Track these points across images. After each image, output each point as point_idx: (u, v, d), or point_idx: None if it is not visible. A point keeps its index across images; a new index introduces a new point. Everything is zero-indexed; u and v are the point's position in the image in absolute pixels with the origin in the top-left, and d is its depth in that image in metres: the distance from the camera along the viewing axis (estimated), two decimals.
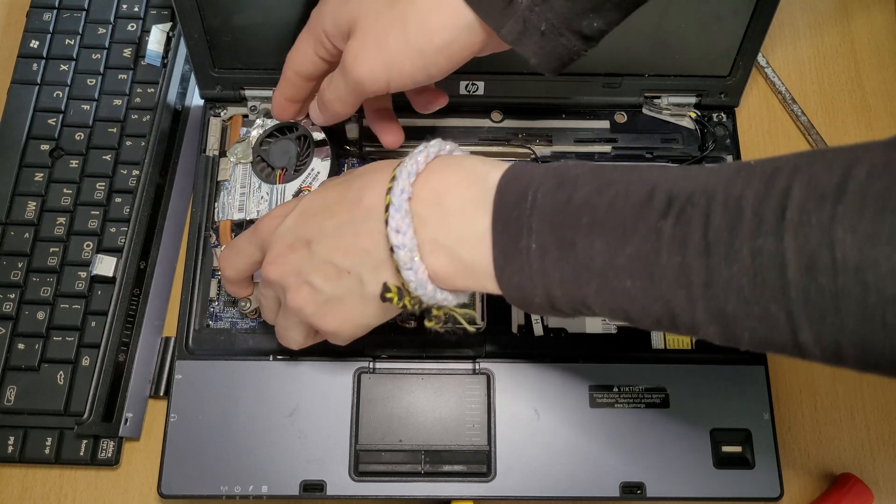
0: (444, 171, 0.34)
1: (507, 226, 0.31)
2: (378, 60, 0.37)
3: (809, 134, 0.55)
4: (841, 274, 0.24)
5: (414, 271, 0.32)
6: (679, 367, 0.45)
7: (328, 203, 0.36)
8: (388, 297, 0.33)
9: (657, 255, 0.28)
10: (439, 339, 0.46)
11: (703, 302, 0.27)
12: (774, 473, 0.43)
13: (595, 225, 0.29)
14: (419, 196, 0.33)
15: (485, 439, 0.44)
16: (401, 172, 0.33)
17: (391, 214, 0.33)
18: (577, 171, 0.32)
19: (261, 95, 0.50)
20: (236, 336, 0.46)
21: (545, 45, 0.37)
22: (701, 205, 0.27)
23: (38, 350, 0.46)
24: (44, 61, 0.54)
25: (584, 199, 0.30)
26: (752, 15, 0.46)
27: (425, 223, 0.33)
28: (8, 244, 0.49)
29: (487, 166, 0.33)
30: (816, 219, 0.25)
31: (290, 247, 0.36)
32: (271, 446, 0.43)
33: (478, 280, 0.33)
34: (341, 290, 0.35)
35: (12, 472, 0.46)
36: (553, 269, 0.30)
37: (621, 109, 0.52)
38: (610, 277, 0.29)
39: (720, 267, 0.26)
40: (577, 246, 0.30)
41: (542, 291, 0.31)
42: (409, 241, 0.32)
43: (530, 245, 0.30)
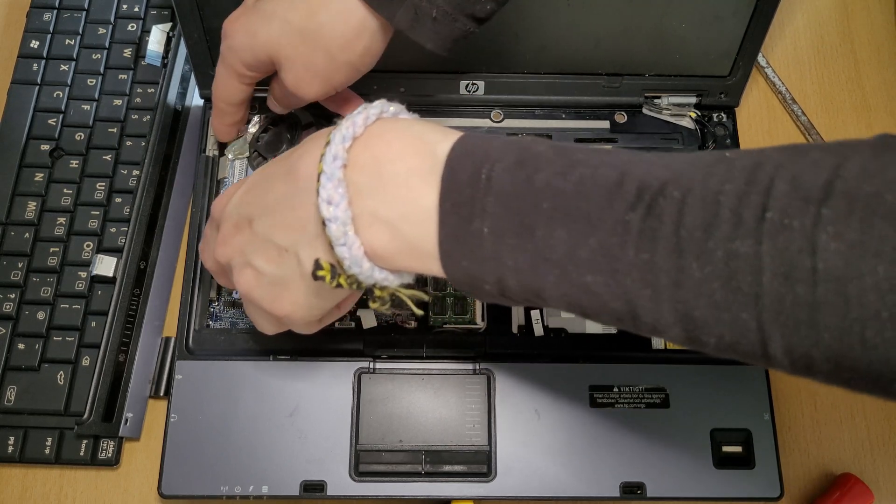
0: (386, 135, 0.30)
1: (458, 205, 0.28)
2: (317, 82, 0.39)
3: (809, 134, 0.55)
4: (821, 284, 0.22)
5: (348, 247, 0.29)
6: (679, 367, 0.45)
7: (269, 176, 0.34)
8: (319, 274, 0.30)
9: (623, 249, 0.26)
10: (439, 339, 0.46)
11: (670, 304, 0.25)
12: (774, 473, 0.43)
13: (557, 211, 0.27)
14: (356, 163, 0.30)
15: (485, 439, 0.44)
16: (335, 136, 0.30)
17: (322, 183, 0.29)
18: (539, 148, 0.29)
19: (260, 95, 0.50)
20: (236, 336, 0.46)
21: (440, 30, 0.37)
22: (674, 198, 0.25)
23: (38, 350, 0.46)
24: (44, 61, 0.54)
25: (547, 181, 0.27)
26: (752, 15, 0.46)
27: (362, 194, 0.30)
28: (8, 244, 0.49)
29: (438, 134, 0.30)
30: (799, 222, 0.23)
31: (235, 226, 0.34)
32: (271, 446, 0.43)
33: (421, 261, 0.30)
34: (283, 270, 0.33)
35: (12, 472, 0.46)
36: (507, 257, 0.28)
37: (621, 109, 0.52)
38: (570, 270, 0.27)
39: (691, 268, 0.25)
40: (535, 233, 0.27)
41: (493, 279, 0.29)
42: (343, 214, 0.29)
43: (483, 228, 0.28)
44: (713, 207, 0.24)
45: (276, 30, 0.38)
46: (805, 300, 0.23)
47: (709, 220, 0.24)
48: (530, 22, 0.46)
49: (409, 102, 0.51)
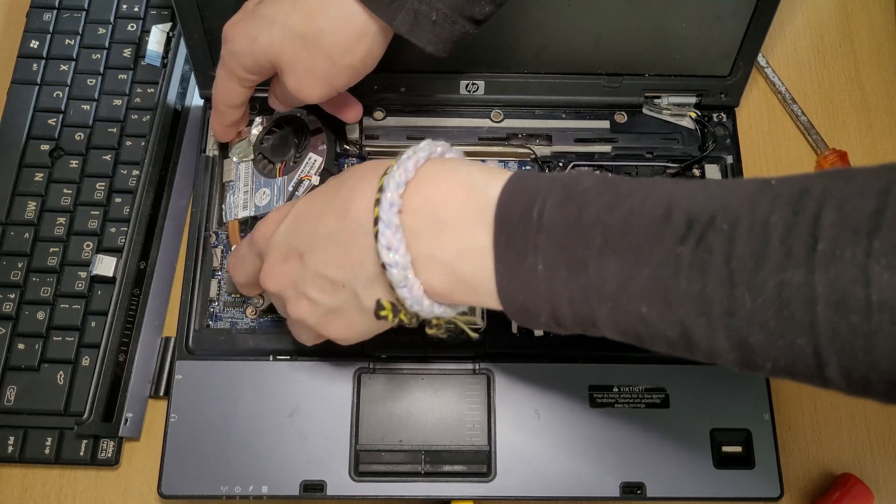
0: (436, 178, 0.32)
1: (511, 242, 0.29)
2: (319, 85, 0.40)
3: (809, 134, 0.55)
4: (875, 314, 0.23)
5: (409, 289, 0.31)
6: (679, 367, 0.45)
7: (318, 210, 0.35)
8: (382, 314, 0.32)
9: (676, 280, 0.26)
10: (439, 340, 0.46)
11: (724, 332, 0.26)
12: (774, 473, 0.43)
13: (608, 245, 0.28)
14: (410, 208, 0.31)
15: (485, 439, 0.44)
16: (388, 183, 0.31)
17: (381, 231, 0.31)
18: (586, 183, 0.30)
19: (260, 95, 0.50)
20: (236, 336, 0.46)
21: (439, 33, 0.38)
22: (723, 230, 0.26)
23: (38, 350, 0.46)
24: (44, 61, 0.54)
25: (596, 215, 0.28)
26: (752, 15, 0.46)
27: (418, 237, 0.31)
28: (8, 244, 0.49)
29: (486, 176, 0.31)
30: (850, 253, 0.23)
31: (284, 257, 0.35)
32: (271, 446, 0.43)
33: (478, 296, 0.31)
34: (338, 302, 0.34)
35: (12, 472, 0.46)
36: (562, 289, 0.29)
37: (621, 109, 0.52)
38: (624, 301, 0.28)
39: (744, 297, 0.25)
40: (588, 267, 0.28)
41: (548, 310, 0.30)
42: (402, 259, 0.31)
43: (537, 264, 0.29)
44: (763, 238, 0.25)
45: (277, 35, 0.38)
46: (860, 328, 0.23)
47: (759, 251, 0.25)
48: (530, 22, 0.46)
49: (410, 102, 0.51)
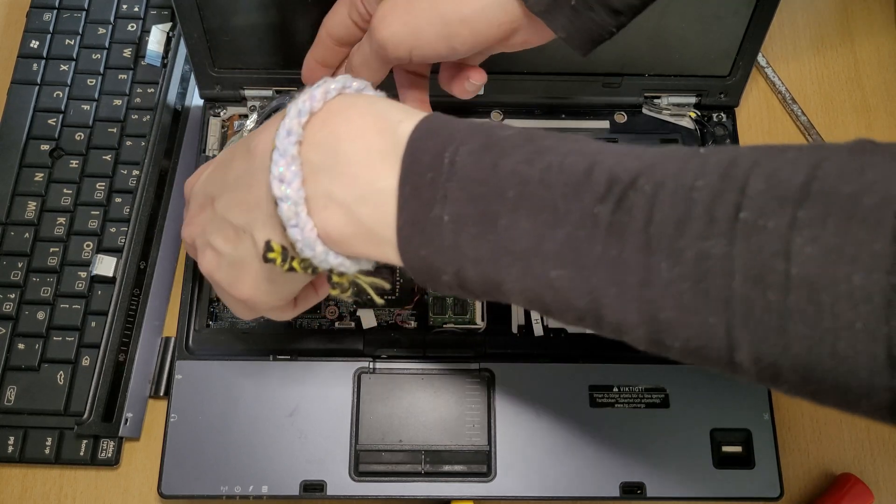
0: (346, 111, 0.29)
1: (418, 189, 0.27)
2: (403, 23, 0.34)
3: (809, 134, 0.55)
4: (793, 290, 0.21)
5: (300, 228, 0.28)
6: (679, 367, 0.45)
7: (233, 154, 0.32)
8: (270, 257, 0.29)
9: (591, 244, 0.24)
10: (440, 339, 0.46)
11: (636, 304, 0.24)
12: (774, 473, 0.43)
13: (523, 201, 0.25)
14: (312, 140, 0.28)
15: (485, 439, 0.44)
16: (290, 110, 0.28)
17: (274, 160, 0.28)
18: (507, 132, 0.27)
19: (261, 95, 0.50)
20: (236, 336, 0.46)
21: (575, 18, 0.33)
22: (646, 191, 0.24)
23: (38, 350, 0.46)
24: (44, 61, 0.54)
25: (513, 168, 0.26)
26: (752, 15, 0.46)
27: (317, 173, 0.28)
28: (8, 244, 0.49)
29: (401, 113, 0.29)
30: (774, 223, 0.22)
31: (200, 206, 0.33)
32: (271, 446, 0.43)
33: (378, 247, 0.28)
34: (240, 252, 0.31)
35: (12, 472, 0.46)
36: (468, 247, 0.26)
37: (621, 109, 0.52)
38: (534, 263, 0.26)
39: (660, 267, 0.23)
40: (499, 223, 0.26)
41: (451, 269, 0.27)
42: (295, 194, 0.27)
43: (443, 216, 0.26)
44: (685, 204, 0.23)
45: None
46: (776, 307, 0.22)
47: (680, 218, 0.23)
48: None
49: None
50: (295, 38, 0.47)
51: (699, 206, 0.23)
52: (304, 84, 0.41)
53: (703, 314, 0.23)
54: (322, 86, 0.29)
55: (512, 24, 0.33)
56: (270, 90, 0.50)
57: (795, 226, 0.21)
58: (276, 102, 0.48)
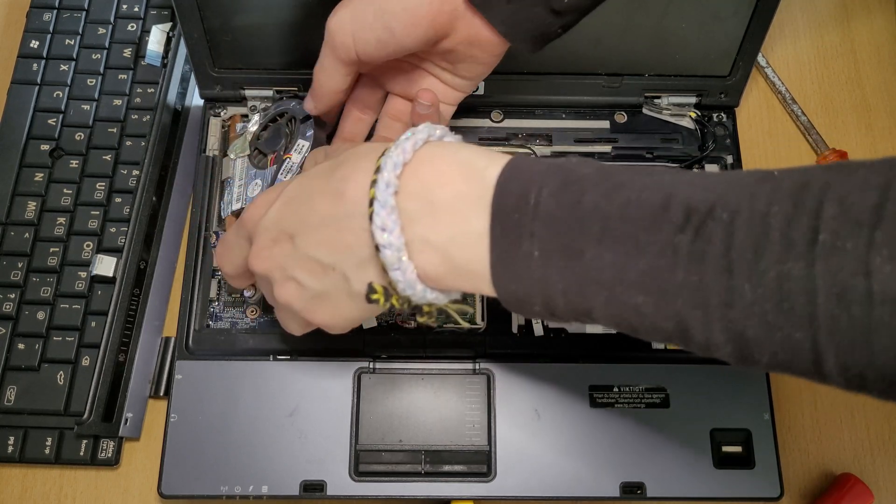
0: (434, 161, 0.31)
1: (507, 229, 0.29)
2: (347, 10, 0.37)
3: (809, 134, 0.55)
4: (877, 306, 0.23)
5: (402, 272, 0.30)
6: (679, 367, 0.45)
7: (311, 192, 0.34)
8: (373, 298, 0.31)
9: (672, 271, 0.26)
10: (439, 339, 0.46)
11: (721, 323, 0.26)
12: (774, 473, 0.43)
13: (605, 234, 0.27)
14: (406, 190, 0.31)
15: (485, 439, 0.44)
16: (385, 163, 0.31)
17: (376, 211, 0.30)
18: (584, 170, 0.29)
19: (261, 95, 0.50)
20: (236, 336, 0.46)
21: (515, 14, 0.35)
22: (723, 220, 0.26)
23: (38, 350, 0.46)
24: (44, 61, 0.54)
25: (593, 204, 0.28)
26: (752, 15, 0.46)
27: (414, 220, 0.30)
28: (8, 244, 0.49)
29: (485, 159, 0.31)
30: (852, 244, 0.23)
31: (273, 240, 0.35)
32: (271, 446, 0.43)
33: (472, 282, 0.31)
34: (326, 286, 0.33)
35: (12, 472, 0.46)
36: (557, 279, 0.28)
37: (621, 109, 0.52)
38: (619, 291, 0.27)
39: (742, 288, 0.25)
40: (584, 256, 0.28)
41: (541, 300, 0.29)
42: (397, 241, 0.30)
43: (532, 251, 0.28)
44: (763, 229, 0.25)
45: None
46: (860, 321, 0.23)
47: (759, 242, 0.25)
48: None
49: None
50: (295, 38, 0.47)
51: (776, 231, 0.24)
52: None
53: (787, 330, 0.25)
54: (411, 138, 0.31)
55: (444, 5, 0.36)
56: (271, 90, 0.50)
57: (873, 246, 0.23)
58: (281, 107, 0.48)
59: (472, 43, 0.38)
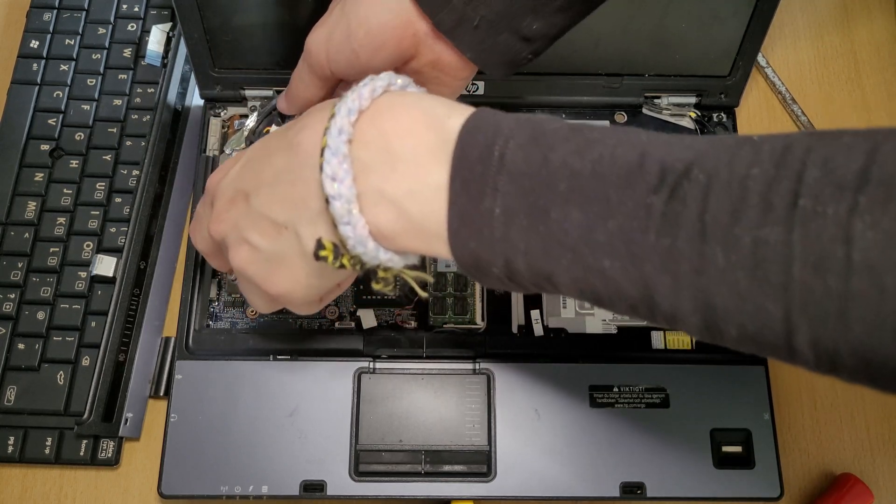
0: (394, 109, 0.29)
1: (468, 183, 0.27)
2: (322, 27, 0.37)
3: None
4: (855, 275, 0.21)
5: (352, 226, 0.28)
6: (679, 367, 0.45)
7: (268, 149, 0.32)
8: (321, 255, 0.29)
9: (644, 233, 0.25)
10: (439, 339, 0.46)
11: (690, 291, 0.24)
12: (774, 473, 0.43)
13: (574, 192, 0.26)
14: (362, 138, 0.29)
15: (485, 439, 0.44)
16: (340, 109, 0.29)
17: (326, 159, 0.28)
18: (555, 125, 0.27)
19: (261, 95, 0.50)
20: (236, 336, 0.46)
21: (483, 40, 0.35)
22: (699, 181, 0.24)
23: (38, 350, 0.46)
24: (44, 61, 0.54)
25: (563, 160, 0.26)
26: (752, 15, 0.46)
27: (368, 171, 0.28)
28: (8, 244, 0.49)
29: (447, 108, 0.29)
30: (833, 210, 0.22)
31: (230, 200, 0.33)
32: (271, 446, 0.43)
33: (428, 242, 0.29)
34: (281, 247, 0.31)
35: (12, 472, 0.46)
36: (518, 239, 0.27)
37: (621, 109, 0.52)
38: (585, 253, 0.26)
39: (715, 255, 0.23)
40: (550, 215, 0.26)
41: (501, 262, 0.27)
42: (347, 191, 0.28)
43: (494, 208, 0.27)
44: (740, 192, 0.23)
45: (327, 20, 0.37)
46: (837, 291, 0.22)
47: (736, 206, 0.23)
48: None
49: None
50: (295, 37, 0.47)
51: (754, 195, 0.23)
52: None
53: (759, 300, 0.23)
54: (369, 84, 0.29)
55: (405, 30, 0.35)
56: (271, 90, 0.50)
57: (856, 211, 0.21)
58: (276, 102, 0.48)
59: (436, 66, 0.37)
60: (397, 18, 0.35)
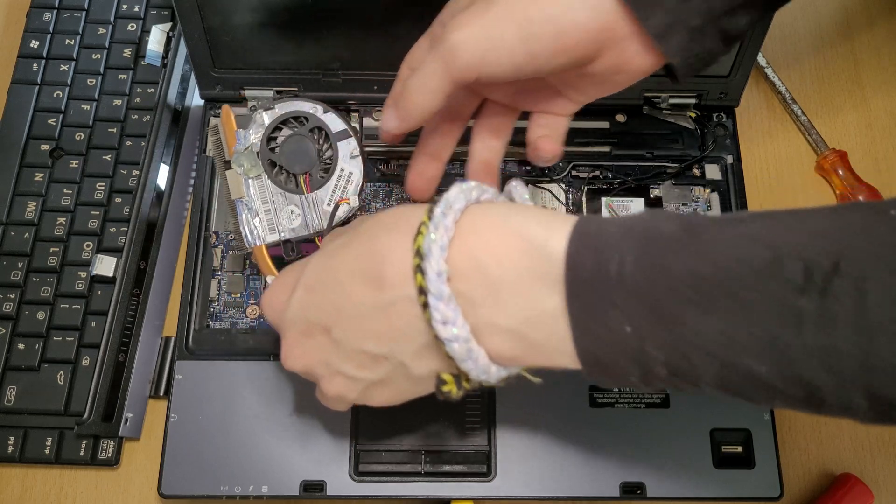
0: (482, 233, 0.28)
1: (588, 305, 0.26)
2: (480, 25, 0.30)
3: (809, 134, 0.55)
4: None
5: (473, 361, 0.28)
6: None
7: (338, 276, 0.31)
8: (445, 390, 0.29)
9: (797, 336, 0.24)
10: None
11: (862, 388, 0.23)
12: (774, 473, 0.43)
13: (706, 299, 0.25)
14: (458, 271, 0.28)
15: (485, 439, 0.44)
16: (430, 249, 0.28)
17: (432, 304, 0.28)
18: (665, 228, 0.26)
19: (261, 95, 0.50)
20: (236, 336, 0.46)
21: (689, 45, 0.31)
22: (851, 275, 0.23)
23: (38, 350, 0.46)
24: (44, 61, 0.54)
25: (686, 268, 0.25)
26: None
27: (475, 304, 0.28)
28: (8, 244, 0.49)
29: (542, 228, 0.28)
30: None
31: (304, 334, 0.32)
32: (271, 446, 0.43)
33: (551, 358, 0.28)
34: (382, 374, 0.31)
35: (12, 472, 0.46)
36: (655, 351, 0.26)
37: (621, 109, 0.52)
38: (731, 359, 0.25)
39: (880, 347, 0.22)
40: (684, 324, 0.25)
41: (639, 371, 0.27)
42: (462, 332, 0.28)
43: (623, 326, 0.26)
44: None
45: None
46: None
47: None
48: None
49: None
50: (296, 38, 0.47)
51: None
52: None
53: None
54: (450, 213, 0.28)
55: (602, 33, 0.31)
56: (271, 90, 0.50)
57: None
58: (290, 109, 0.45)
59: (618, 71, 0.33)
60: (598, 18, 0.30)
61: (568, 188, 0.50)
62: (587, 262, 0.26)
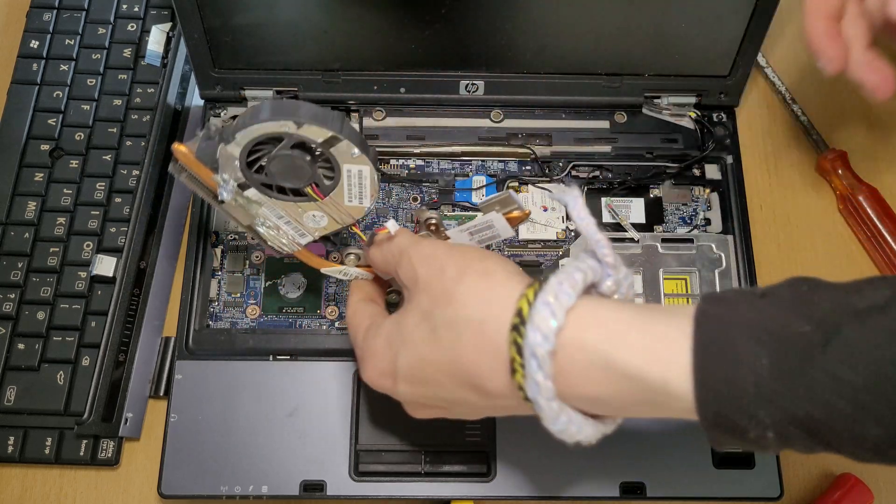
0: (586, 373, 0.28)
1: (724, 423, 0.26)
2: None
3: (809, 134, 0.55)
4: None
5: (586, 436, 0.30)
6: None
7: (438, 378, 0.32)
8: None
9: None
10: None
11: None
12: (774, 473, 0.43)
13: (861, 410, 0.24)
14: (565, 395, 0.29)
15: (485, 439, 0.44)
16: (532, 374, 0.28)
17: (548, 418, 0.29)
18: (798, 328, 0.25)
19: (261, 95, 0.50)
20: (236, 336, 0.46)
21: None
22: None
23: (38, 350, 0.46)
24: (44, 61, 0.54)
25: (830, 373, 0.24)
26: (752, 15, 0.46)
27: (595, 407, 0.30)
28: (8, 244, 0.49)
29: (655, 363, 0.27)
30: None
31: (423, 406, 0.35)
32: (271, 446, 0.43)
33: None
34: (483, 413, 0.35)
35: (12, 472, 0.46)
36: (802, 450, 0.26)
37: (621, 109, 0.52)
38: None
39: None
40: (841, 435, 0.25)
41: (778, 446, 0.27)
42: (588, 432, 0.30)
43: (765, 434, 0.25)
44: None
45: None
46: None
47: None
48: (530, 22, 0.46)
49: (410, 102, 0.51)
50: (296, 38, 0.47)
51: None
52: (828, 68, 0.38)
53: None
54: (546, 319, 0.27)
55: None
56: (271, 90, 0.50)
57: None
58: (252, 134, 0.35)
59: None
60: None
61: None
62: (719, 383, 0.25)
